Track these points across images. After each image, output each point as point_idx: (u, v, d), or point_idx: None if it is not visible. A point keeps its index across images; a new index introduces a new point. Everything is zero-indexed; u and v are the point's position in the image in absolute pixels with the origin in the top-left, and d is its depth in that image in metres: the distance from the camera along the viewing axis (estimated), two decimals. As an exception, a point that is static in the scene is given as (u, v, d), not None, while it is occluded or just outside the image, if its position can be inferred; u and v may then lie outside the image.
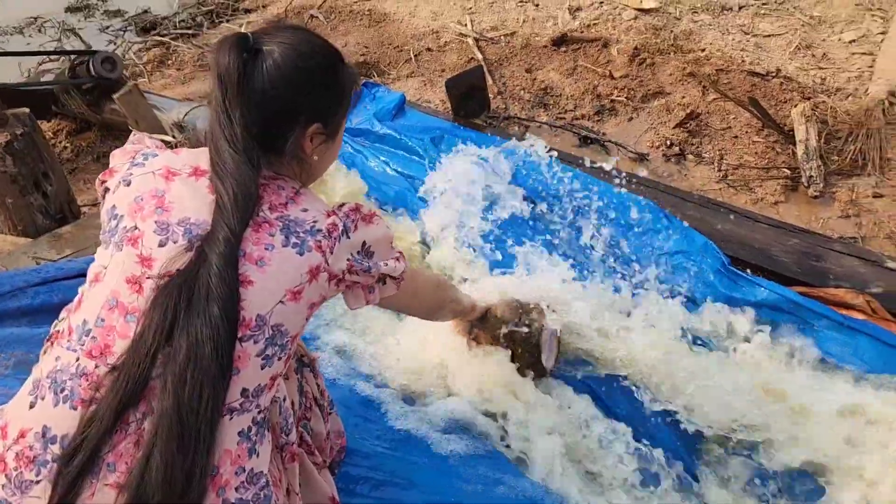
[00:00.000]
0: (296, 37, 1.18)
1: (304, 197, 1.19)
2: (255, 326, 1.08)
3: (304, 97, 1.17)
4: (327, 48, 1.23)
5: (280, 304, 1.10)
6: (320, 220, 1.16)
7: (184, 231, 1.10)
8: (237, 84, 1.11)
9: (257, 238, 1.10)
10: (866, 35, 3.64)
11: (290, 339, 1.14)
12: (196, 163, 1.18)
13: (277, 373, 1.15)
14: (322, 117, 1.20)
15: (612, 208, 2.52)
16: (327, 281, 1.17)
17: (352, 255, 1.20)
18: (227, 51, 1.12)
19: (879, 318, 2.23)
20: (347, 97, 1.26)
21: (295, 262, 1.12)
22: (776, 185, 2.81)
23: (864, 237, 2.60)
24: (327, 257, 1.15)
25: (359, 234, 1.22)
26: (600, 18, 3.81)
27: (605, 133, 3.14)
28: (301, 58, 1.16)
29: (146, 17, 5.06)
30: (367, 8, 4.27)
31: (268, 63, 1.13)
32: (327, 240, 1.16)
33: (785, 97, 3.21)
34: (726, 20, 3.80)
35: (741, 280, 2.32)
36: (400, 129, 2.94)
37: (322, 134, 1.22)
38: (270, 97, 1.14)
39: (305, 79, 1.16)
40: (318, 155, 1.24)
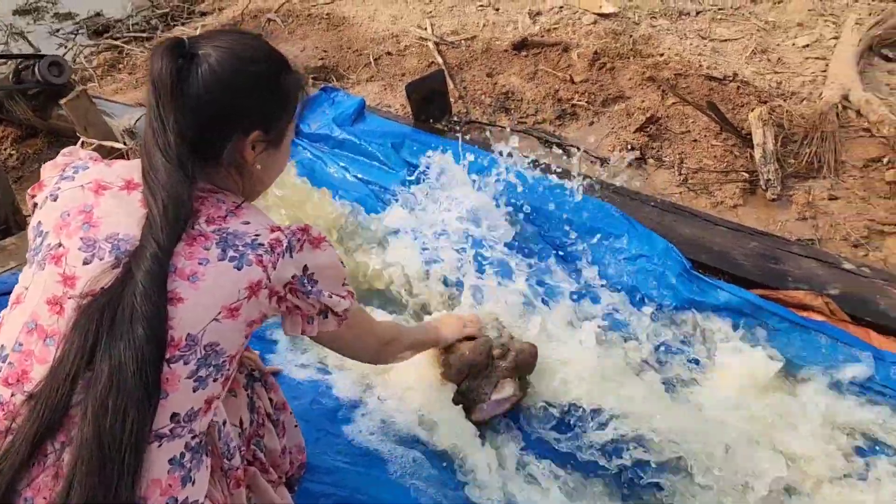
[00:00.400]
0: (234, 41, 1.13)
1: (246, 210, 1.14)
2: (185, 346, 1.02)
3: (243, 102, 1.12)
4: (269, 52, 1.18)
5: (214, 321, 1.05)
6: (263, 234, 1.11)
7: (111, 247, 1.05)
8: (171, 89, 1.06)
9: (191, 252, 1.05)
10: (819, 40, 3.71)
11: (227, 359, 1.09)
12: (129, 175, 1.13)
13: (213, 395, 1.09)
14: (263, 124, 1.15)
15: (574, 213, 2.52)
16: (268, 298, 1.11)
17: (295, 275, 1.14)
18: (160, 55, 1.07)
19: (837, 319, 2.26)
20: (292, 103, 1.21)
21: (232, 276, 1.06)
22: (735, 188, 2.83)
23: (820, 239, 2.64)
24: (269, 273, 1.09)
25: (303, 256, 1.15)
26: (560, 23, 3.82)
27: (567, 137, 3.14)
28: (239, 61, 1.11)
29: (98, 20, 4.94)
30: (326, 12, 4.22)
31: (203, 67, 1.08)
32: (269, 255, 1.09)
33: (742, 101, 3.25)
34: (684, 25, 3.84)
35: (702, 283, 2.33)
36: (360, 135, 2.89)
37: (264, 141, 1.16)
38: (206, 102, 1.08)
39: (244, 83, 1.11)
40: (260, 163, 1.18)
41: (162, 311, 1.00)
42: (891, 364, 2.10)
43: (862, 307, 2.28)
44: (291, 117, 1.22)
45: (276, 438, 1.44)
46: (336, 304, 1.20)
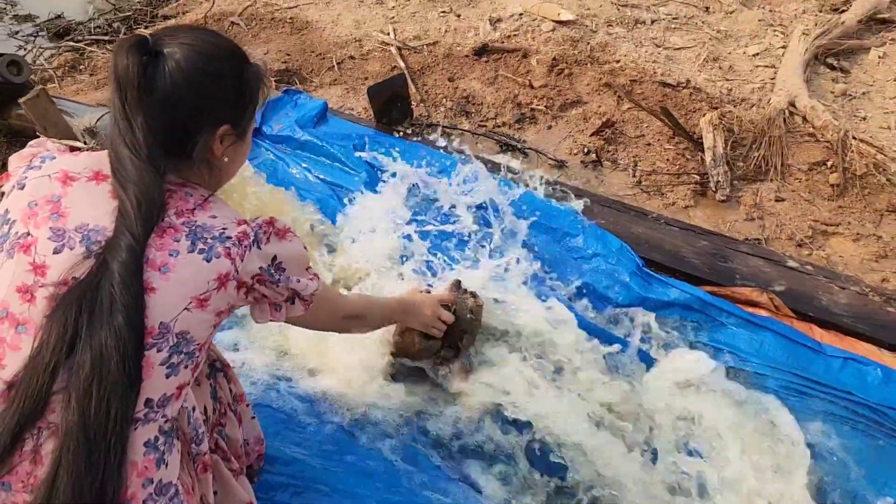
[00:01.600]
0: (197, 38, 1.15)
1: (214, 204, 1.16)
2: (159, 334, 1.05)
3: (211, 99, 1.14)
4: (230, 48, 1.20)
5: (185, 311, 1.07)
6: (230, 228, 1.14)
7: (81, 237, 1.06)
8: (137, 88, 1.07)
9: (161, 244, 1.07)
10: (768, 49, 3.85)
11: (197, 347, 1.12)
12: (98, 167, 1.14)
13: (184, 382, 1.12)
14: (230, 118, 1.18)
15: (532, 213, 2.58)
16: (235, 289, 1.15)
17: (262, 266, 1.18)
18: (124, 53, 1.07)
19: (782, 314, 2.35)
20: (255, 96, 1.24)
21: (202, 268, 1.09)
22: (686, 190, 2.93)
23: (767, 238, 2.74)
24: (237, 265, 1.13)
25: (270, 247, 1.20)
26: (520, 30, 3.90)
27: (526, 140, 3.21)
28: (204, 59, 1.13)
29: (59, 22, 4.86)
30: (290, 16, 4.23)
31: (170, 65, 1.10)
32: (237, 247, 1.13)
33: (694, 107, 3.35)
34: (640, 33, 3.95)
35: (654, 281, 2.41)
36: (322, 136, 2.92)
37: (232, 135, 1.20)
38: (175, 101, 1.10)
39: (210, 80, 1.13)
40: (228, 156, 1.22)
41: (140, 301, 1.02)
42: (831, 357, 2.19)
43: (805, 303, 2.38)
44: (254, 110, 1.25)
45: (237, 428, 1.47)
46: (304, 288, 1.26)
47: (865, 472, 1.92)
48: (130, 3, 4.99)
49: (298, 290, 1.26)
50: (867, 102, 3.48)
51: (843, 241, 2.73)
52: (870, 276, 2.57)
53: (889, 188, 2.91)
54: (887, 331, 2.28)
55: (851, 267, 2.62)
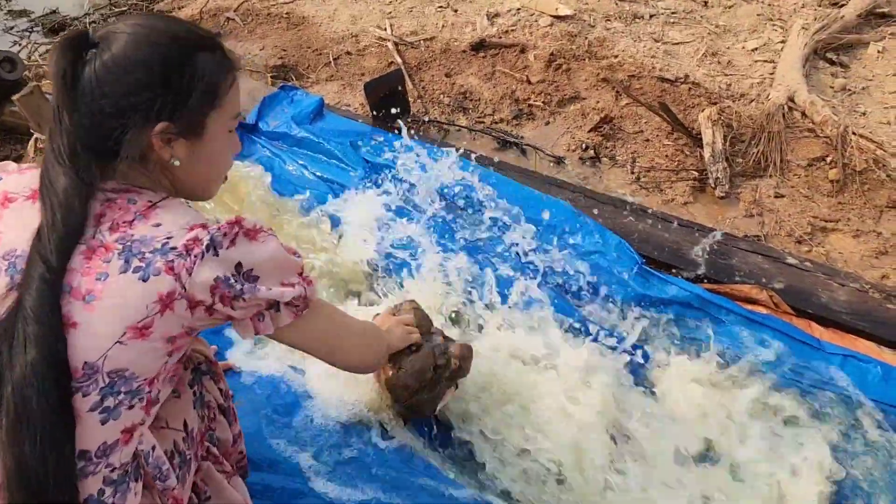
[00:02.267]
0: (138, 24, 1.02)
1: (161, 210, 1.01)
2: (84, 376, 0.92)
3: (136, 91, 1.00)
4: (176, 31, 1.04)
5: (118, 345, 0.94)
6: (177, 236, 0.98)
7: (7, 266, 0.96)
8: (65, 86, 0.97)
9: (88, 267, 0.94)
10: (767, 44, 3.83)
11: (143, 383, 0.99)
12: (36, 183, 1.03)
13: (134, 423, 0.99)
14: (166, 113, 1.02)
15: (531, 210, 2.56)
16: (188, 309, 0.98)
17: (219, 276, 0.99)
18: (58, 51, 0.98)
19: (782, 311, 2.34)
20: (209, 87, 1.06)
21: (137, 290, 0.94)
22: (685, 186, 2.91)
23: (766, 235, 2.72)
24: (183, 280, 0.96)
25: (234, 252, 1.01)
26: (517, 25, 3.88)
27: (523, 137, 3.19)
28: (136, 46, 1.00)
29: (54, 17, 4.84)
30: (286, 11, 4.21)
31: (99, 59, 0.98)
32: (183, 259, 0.96)
33: (693, 102, 3.33)
34: (638, 28, 3.93)
35: (653, 278, 2.40)
36: (318, 133, 2.91)
37: (175, 133, 1.04)
38: (99, 96, 0.98)
39: (139, 70, 0.99)
40: (179, 158, 1.06)
41: (57, 336, 0.91)
42: (830, 354, 2.18)
43: (804, 300, 2.36)
44: (213, 103, 1.08)
45: (228, 428, 1.39)
46: (280, 296, 1.06)
47: (865, 470, 1.91)
48: (126, -2, 4.97)
49: (276, 299, 1.06)
50: (866, 97, 3.46)
51: (843, 238, 2.72)
52: (870, 272, 2.56)
53: (889, 184, 2.89)
54: (887, 328, 2.27)
55: (851, 264, 2.61)
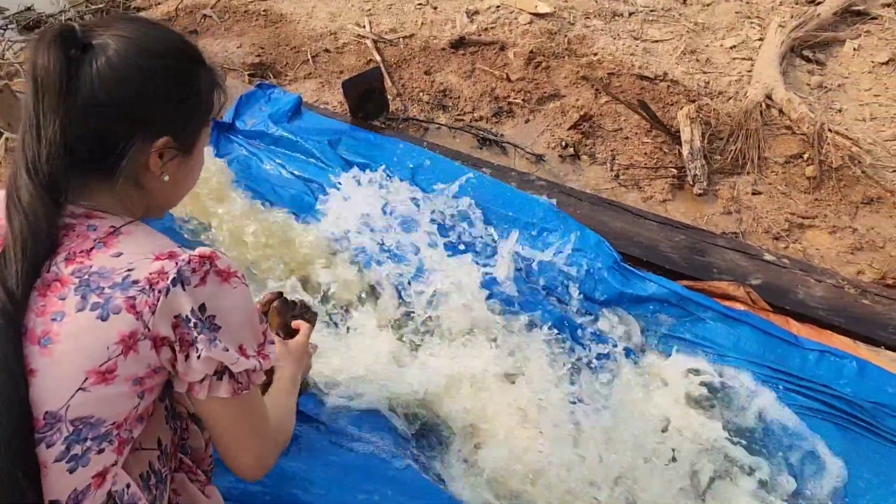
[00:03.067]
0: (137, 29, 0.96)
1: (124, 237, 0.93)
2: (46, 426, 0.85)
3: (147, 103, 0.95)
4: (180, 43, 1.01)
5: (81, 391, 0.86)
6: (139, 268, 0.89)
7: None
8: (59, 89, 0.88)
9: (42, 306, 0.86)
10: (745, 41, 3.85)
11: (111, 427, 0.91)
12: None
13: (106, 466, 0.91)
14: (171, 129, 0.99)
15: (509, 207, 2.56)
16: (153, 349, 0.90)
17: (181, 315, 0.90)
18: (46, 46, 0.89)
19: (759, 308, 2.35)
20: (206, 104, 1.05)
21: (96, 331, 0.86)
22: (664, 183, 2.92)
23: (744, 232, 2.74)
24: (146, 319, 0.88)
25: (201, 291, 0.92)
26: (497, 22, 3.87)
27: (503, 134, 3.18)
28: (144, 54, 0.94)
29: (29, 14, 4.77)
30: (263, 8, 4.17)
31: (100, 61, 0.91)
32: (146, 294, 0.88)
33: (672, 100, 3.35)
34: (617, 26, 3.93)
35: (632, 275, 2.40)
36: (296, 131, 2.88)
37: (173, 149, 1.00)
38: (101, 104, 0.91)
39: (149, 80, 0.94)
40: (169, 174, 1.01)
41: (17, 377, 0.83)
42: (807, 350, 2.20)
43: (782, 297, 2.38)
44: (205, 120, 1.06)
45: (200, 435, 1.33)
46: (234, 362, 0.96)
47: (841, 464, 1.93)
48: (102, -5, 4.90)
49: (227, 363, 0.95)
50: (842, 94, 3.50)
51: (820, 234, 2.74)
52: (846, 268, 2.58)
53: (864, 180, 2.92)
54: (863, 323, 2.29)
55: (827, 260, 2.63)
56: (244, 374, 0.99)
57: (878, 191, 2.89)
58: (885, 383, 2.08)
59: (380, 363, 1.98)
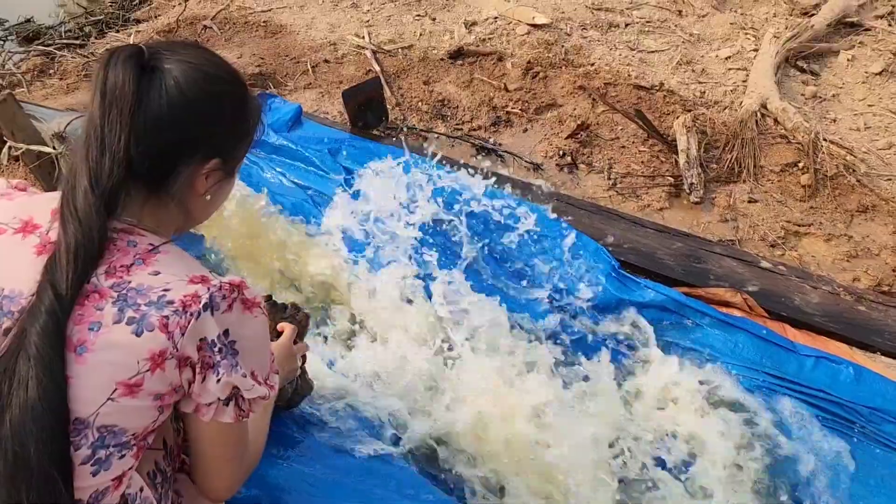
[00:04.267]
0: (199, 56, 1.01)
1: (163, 256, 0.96)
2: (74, 431, 0.88)
3: (208, 126, 0.99)
4: (234, 72, 1.06)
5: (110, 401, 0.89)
6: (175, 289, 0.92)
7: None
8: (130, 106, 0.91)
9: (80, 315, 0.89)
10: (740, 52, 3.89)
11: (132, 437, 0.94)
12: (29, 214, 0.97)
13: (124, 470, 0.95)
14: (224, 151, 1.03)
15: (507, 216, 2.58)
16: (177, 368, 0.93)
17: (206, 337, 0.94)
18: (119, 64, 0.92)
19: (756, 314, 2.38)
20: (254, 130, 1.10)
21: (129, 344, 0.89)
22: (661, 191, 2.95)
23: (740, 239, 2.76)
24: (175, 339, 0.91)
25: (227, 317, 0.95)
26: (495, 33, 3.91)
27: (501, 144, 3.21)
28: (208, 81, 0.99)
29: (28, 26, 4.80)
30: (263, 19, 4.21)
31: (168, 83, 0.95)
32: (179, 316, 0.91)
33: (668, 109, 3.38)
34: (613, 36, 3.97)
35: (630, 282, 2.42)
36: (296, 141, 2.90)
37: (220, 171, 1.04)
38: (168, 124, 0.95)
39: (211, 105, 0.99)
40: (211, 194, 1.05)
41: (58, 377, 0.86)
42: (804, 356, 2.22)
43: (778, 303, 2.40)
44: (250, 144, 1.11)
45: None
46: (247, 388, 0.99)
47: (839, 469, 1.94)
48: (102, 6, 4.94)
49: (241, 388, 0.98)
50: (837, 104, 3.53)
51: (815, 242, 2.77)
52: (841, 275, 2.60)
53: (859, 188, 2.95)
54: (858, 329, 2.31)
55: (823, 267, 2.65)
56: (248, 403, 1.02)
57: (872, 199, 2.92)
58: (882, 388, 2.10)
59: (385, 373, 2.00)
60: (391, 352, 2.09)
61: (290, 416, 1.76)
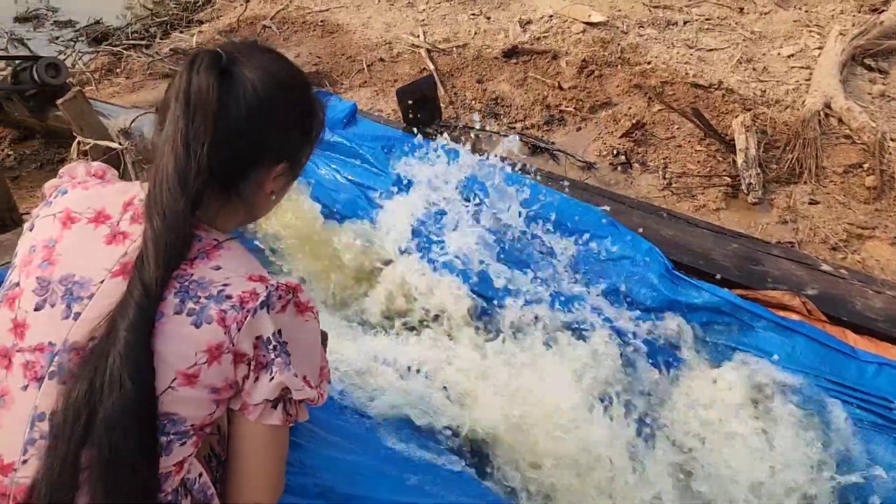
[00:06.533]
0: (272, 62, 1.04)
1: (225, 252, 0.99)
2: None
3: (280, 131, 1.02)
4: (302, 76, 1.09)
5: (170, 389, 0.91)
6: (234, 284, 0.95)
7: (64, 292, 0.93)
8: (214, 110, 0.94)
9: None
10: (804, 50, 3.78)
11: (191, 427, 0.97)
12: (101, 204, 1.00)
13: (184, 457, 0.98)
14: (293, 155, 1.07)
15: (559, 214, 2.56)
16: (233, 363, 0.95)
17: (262, 335, 0.96)
18: (202, 70, 0.94)
19: (815, 319, 2.31)
20: (318, 133, 1.12)
21: (189, 335, 0.92)
22: (717, 192, 2.89)
23: (800, 242, 2.69)
24: (232, 334, 0.93)
25: (280, 318, 0.97)
26: (550, 31, 3.89)
27: (554, 142, 3.20)
28: (280, 86, 1.01)
29: (97, 27, 5.00)
30: (321, 19, 4.28)
31: (247, 90, 0.97)
32: (236, 311, 0.93)
33: (726, 108, 3.31)
34: (671, 34, 3.91)
35: (683, 283, 2.38)
36: (351, 138, 2.94)
37: (286, 174, 1.07)
38: (245, 129, 0.98)
39: (284, 110, 1.02)
40: (276, 193, 1.09)
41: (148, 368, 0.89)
42: (865, 363, 2.15)
43: (839, 307, 2.32)
44: (315, 146, 1.14)
45: None
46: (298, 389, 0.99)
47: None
48: (167, 8, 5.10)
49: (291, 387, 0.99)
50: (906, 104, 3.41)
51: (880, 245, 2.67)
52: (907, 280, 2.51)
53: (928, 191, 2.84)
54: (924, 336, 2.23)
55: (888, 271, 2.56)
56: (295, 406, 1.03)
57: (942, 202, 2.81)
58: (948, 398, 2.02)
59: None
60: (440, 344, 2.10)
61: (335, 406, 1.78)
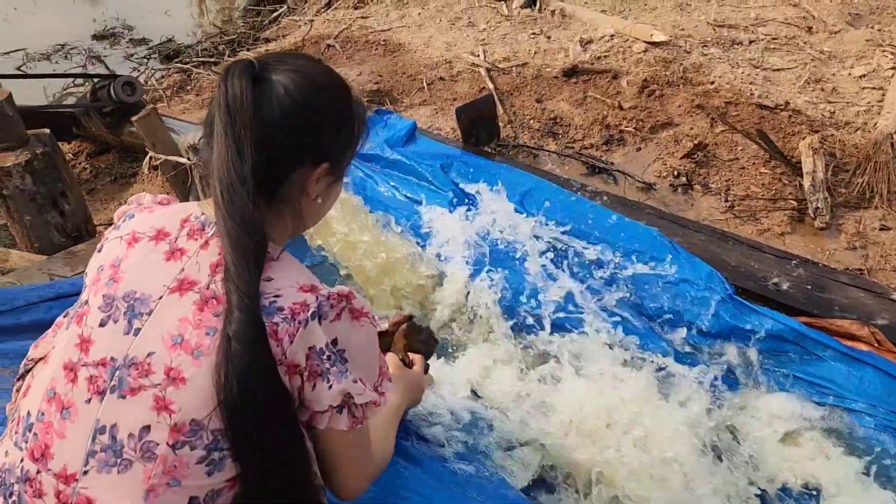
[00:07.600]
0: (305, 65, 1.06)
1: (276, 263, 0.99)
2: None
3: (317, 132, 1.03)
4: (338, 78, 1.11)
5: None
6: (285, 296, 0.95)
7: (126, 308, 0.95)
8: (251, 114, 0.96)
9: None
10: (876, 70, 3.67)
11: None
12: (161, 223, 1.02)
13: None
14: (332, 155, 1.06)
15: (619, 236, 2.54)
16: (286, 375, 0.95)
17: (315, 346, 0.96)
18: (236, 77, 0.97)
19: (885, 349, 2.22)
20: (359, 135, 1.13)
21: None
22: (783, 216, 2.82)
23: (870, 269, 2.60)
24: (284, 346, 0.93)
25: (335, 326, 0.98)
26: (611, 51, 3.87)
27: (613, 162, 3.17)
28: (314, 87, 1.03)
29: (170, 45, 5.21)
30: (383, 38, 4.36)
31: (279, 92, 0.99)
32: (288, 323, 0.94)
33: (793, 130, 3.23)
34: (736, 54, 3.85)
35: (745, 309, 2.32)
36: (410, 156, 2.98)
37: (330, 176, 1.07)
38: (280, 131, 0.99)
39: (320, 112, 1.03)
40: (322, 198, 1.09)
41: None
42: (938, 397, 2.06)
43: (911, 339, 2.24)
44: (357, 147, 1.14)
45: None
46: (360, 395, 1.01)
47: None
48: (235, 27, 5.28)
49: (352, 393, 1.00)
50: None
51: (957, 275, 2.57)
52: None
53: None
54: None
55: (965, 302, 2.45)
56: (361, 408, 1.03)
57: None
58: None
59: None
60: (497, 367, 2.11)
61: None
